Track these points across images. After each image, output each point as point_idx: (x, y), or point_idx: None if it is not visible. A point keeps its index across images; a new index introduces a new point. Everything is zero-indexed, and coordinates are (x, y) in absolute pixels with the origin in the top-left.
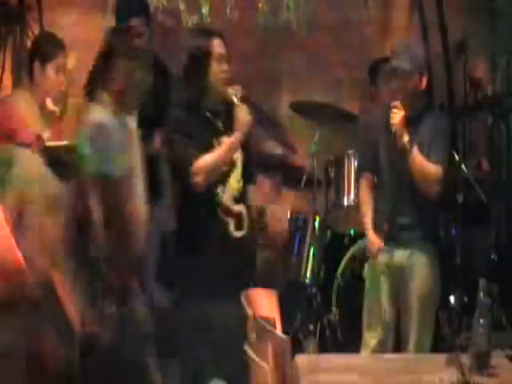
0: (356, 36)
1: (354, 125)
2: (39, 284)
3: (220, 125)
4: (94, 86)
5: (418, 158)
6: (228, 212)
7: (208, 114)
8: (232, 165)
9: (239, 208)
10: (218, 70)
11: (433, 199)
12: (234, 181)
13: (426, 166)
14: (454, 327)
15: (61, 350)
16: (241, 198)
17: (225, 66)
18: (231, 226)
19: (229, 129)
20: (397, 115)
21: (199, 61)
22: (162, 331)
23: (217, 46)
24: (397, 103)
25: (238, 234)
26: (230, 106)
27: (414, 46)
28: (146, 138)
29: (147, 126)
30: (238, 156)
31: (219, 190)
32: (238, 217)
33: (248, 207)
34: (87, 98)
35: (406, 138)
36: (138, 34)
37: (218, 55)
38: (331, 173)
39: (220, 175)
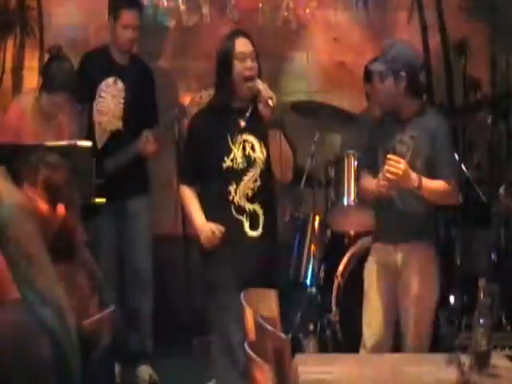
0: (356, 36)
1: (353, 125)
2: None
3: (243, 124)
4: None
5: (428, 187)
6: (241, 211)
7: (233, 112)
8: (249, 163)
9: (254, 207)
10: (240, 68)
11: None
12: (250, 180)
13: (437, 188)
14: (454, 327)
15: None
16: (257, 197)
17: (248, 64)
18: (246, 226)
19: (251, 128)
20: (397, 169)
21: (223, 61)
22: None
23: (239, 44)
24: (392, 156)
25: (253, 233)
26: (255, 104)
27: (396, 46)
28: (133, 138)
29: (134, 127)
30: (259, 156)
31: (231, 188)
32: (252, 216)
33: (265, 207)
34: None
35: (415, 183)
36: (131, 26)
37: (240, 54)
38: (331, 173)
39: (234, 173)
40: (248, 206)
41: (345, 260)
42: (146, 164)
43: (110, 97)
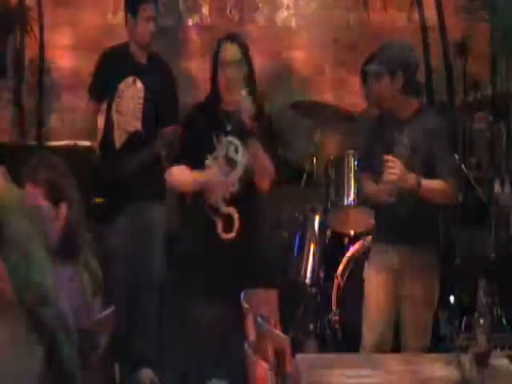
0: (355, 36)
1: (353, 125)
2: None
3: (229, 126)
4: None
5: (427, 187)
6: (216, 212)
7: (221, 113)
8: (231, 166)
9: (229, 210)
10: (222, 76)
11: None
12: (229, 182)
13: (436, 188)
14: (453, 327)
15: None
16: (234, 200)
17: (231, 72)
18: (219, 227)
19: (237, 132)
20: (394, 169)
21: (211, 66)
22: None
23: (224, 52)
24: (389, 157)
25: (226, 236)
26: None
27: (391, 46)
28: (149, 138)
29: (153, 128)
30: (241, 160)
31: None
32: (226, 218)
33: (242, 211)
34: None
35: (414, 183)
36: (151, 18)
37: (223, 62)
38: (331, 173)
39: None
40: (223, 208)
41: (345, 260)
42: (163, 169)
43: (129, 97)
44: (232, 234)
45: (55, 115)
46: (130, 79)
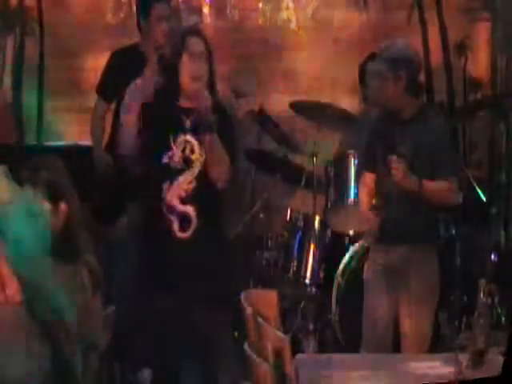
0: (355, 36)
1: (353, 125)
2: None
3: (189, 124)
4: None
5: (428, 188)
6: (171, 211)
7: (180, 111)
8: (187, 165)
9: (185, 208)
10: (188, 68)
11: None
12: (185, 181)
13: (437, 189)
14: (454, 327)
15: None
16: (191, 199)
17: (196, 64)
18: (175, 226)
19: (196, 129)
20: (398, 171)
21: (173, 58)
22: None
23: (191, 44)
24: (392, 158)
25: (182, 235)
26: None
27: (394, 46)
28: None
29: None
30: (198, 157)
31: (164, 186)
32: (183, 217)
33: (200, 209)
34: None
35: (415, 185)
36: (165, 17)
37: (190, 54)
38: (331, 173)
39: (169, 172)
40: (179, 207)
41: (345, 260)
42: None
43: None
44: (188, 234)
45: (55, 115)
46: (139, 80)
